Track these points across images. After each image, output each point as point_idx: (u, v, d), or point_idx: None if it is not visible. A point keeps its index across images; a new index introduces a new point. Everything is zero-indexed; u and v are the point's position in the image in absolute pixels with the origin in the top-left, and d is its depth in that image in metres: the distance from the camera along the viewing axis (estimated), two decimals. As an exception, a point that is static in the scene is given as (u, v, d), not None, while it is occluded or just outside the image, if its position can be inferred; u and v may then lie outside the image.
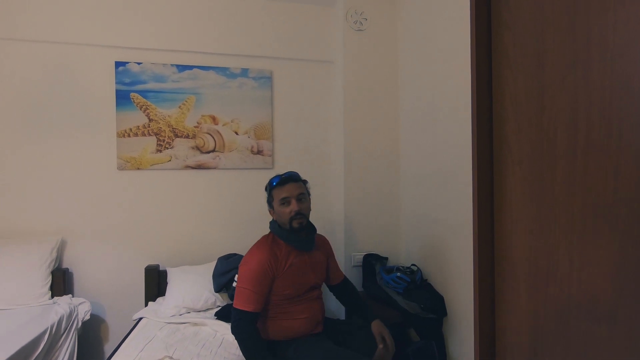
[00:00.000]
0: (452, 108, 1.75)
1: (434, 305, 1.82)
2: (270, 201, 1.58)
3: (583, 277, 0.85)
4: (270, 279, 1.46)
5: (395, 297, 1.93)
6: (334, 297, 1.78)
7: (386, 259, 2.26)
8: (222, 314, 1.87)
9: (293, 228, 1.49)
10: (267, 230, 1.63)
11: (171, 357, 1.48)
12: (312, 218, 2.45)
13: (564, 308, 0.91)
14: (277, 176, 1.57)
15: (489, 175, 1.11)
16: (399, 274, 1.98)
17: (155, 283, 2.14)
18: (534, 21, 1.01)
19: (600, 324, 0.81)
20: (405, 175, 2.28)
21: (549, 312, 0.95)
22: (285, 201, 1.50)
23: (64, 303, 1.89)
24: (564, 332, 0.91)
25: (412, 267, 2.06)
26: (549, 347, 0.95)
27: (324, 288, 1.73)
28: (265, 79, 2.41)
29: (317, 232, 1.64)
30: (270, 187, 1.57)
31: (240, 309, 1.41)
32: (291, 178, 1.54)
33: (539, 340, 0.98)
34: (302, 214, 1.50)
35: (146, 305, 2.09)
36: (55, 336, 1.73)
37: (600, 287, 0.81)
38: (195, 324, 1.82)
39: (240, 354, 1.53)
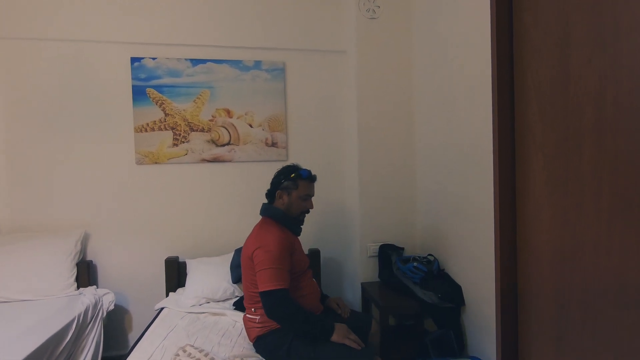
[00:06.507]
0: (470, 95, 1.71)
1: (451, 294, 1.81)
2: (289, 188, 1.60)
3: (611, 264, 0.83)
4: (290, 256, 1.50)
5: (412, 287, 1.92)
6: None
7: (402, 249, 2.25)
8: (241, 304, 1.91)
9: (299, 219, 1.64)
10: None
11: (192, 345, 1.52)
12: (328, 209, 2.48)
13: (590, 295, 0.89)
14: (304, 169, 1.63)
15: (511, 162, 1.09)
16: (415, 263, 1.97)
17: (175, 274, 2.19)
18: (557, 1, 0.97)
19: (629, 309, 0.79)
20: (421, 165, 2.26)
21: (575, 299, 0.93)
22: (308, 197, 1.63)
23: (89, 294, 1.96)
24: (591, 319, 0.89)
25: (429, 257, 2.05)
26: (575, 334, 0.94)
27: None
28: (278, 71, 2.40)
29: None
30: (299, 177, 1.60)
31: (280, 287, 1.37)
32: (316, 178, 1.67)
33: (564, 328, 0.97)
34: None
35: (167, 295, 2.14)
36: (82, 325, 1.80)
37: (630, 273, 0.79)
38: (215, 314, 1.85)
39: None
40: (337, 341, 1.40)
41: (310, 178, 1.63)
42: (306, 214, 1.66)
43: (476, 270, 1.70)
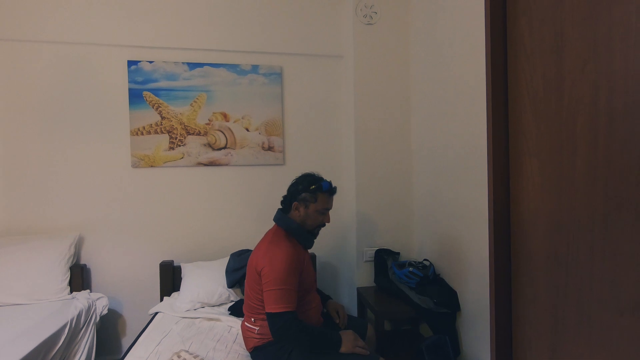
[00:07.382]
0: (466, 100, 1.72)
1: (447, 300, 1.81)
2: (307, 200, 1.51)
3: (605, 269, 0.83)
4: (299, 274, 1.44)
5: (408, 292, 1.92)
6: None
7: (398, 254, 2.25)
8: (236, 309, 1.89)
9: (313, 232, 1.57)
10: None
11: (187, 351, 1.50)
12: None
13: (585, 300, 0.89)
14: (325, 181, 1.54)
15: (505, 167, 1.09)
16: (411, 268, 1.97)
17: (170, 278, 2.18)
18: (552, 7, 0.99)
19: (624, 315, 0.79)
20: (418, 170, 2.26)
21: (569, 304, 0.93)
22: (325, 211, 1.55)
23: (82, 298, 1.93)
24: (586, 324, 0.89)
25: (425, 262, 2.05)
26: (569, 339, 0.94)
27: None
28: (276, 75, 2.41)
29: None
30: (319, 189, 1.52)
31: (287, 310, 1.33)
32: (336, 190, 1.59)
33: (559, 333, 0.97)
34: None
35: (161, 300, 2.12)
36: (75, 330, 1.78)
37: (625, 278, 0.80)
38: (210, 319, 1.84)
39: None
40: (347, 352, 1.37)
41: (330, 191, 1.54)
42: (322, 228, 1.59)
43: (472, 275, 1.70)
